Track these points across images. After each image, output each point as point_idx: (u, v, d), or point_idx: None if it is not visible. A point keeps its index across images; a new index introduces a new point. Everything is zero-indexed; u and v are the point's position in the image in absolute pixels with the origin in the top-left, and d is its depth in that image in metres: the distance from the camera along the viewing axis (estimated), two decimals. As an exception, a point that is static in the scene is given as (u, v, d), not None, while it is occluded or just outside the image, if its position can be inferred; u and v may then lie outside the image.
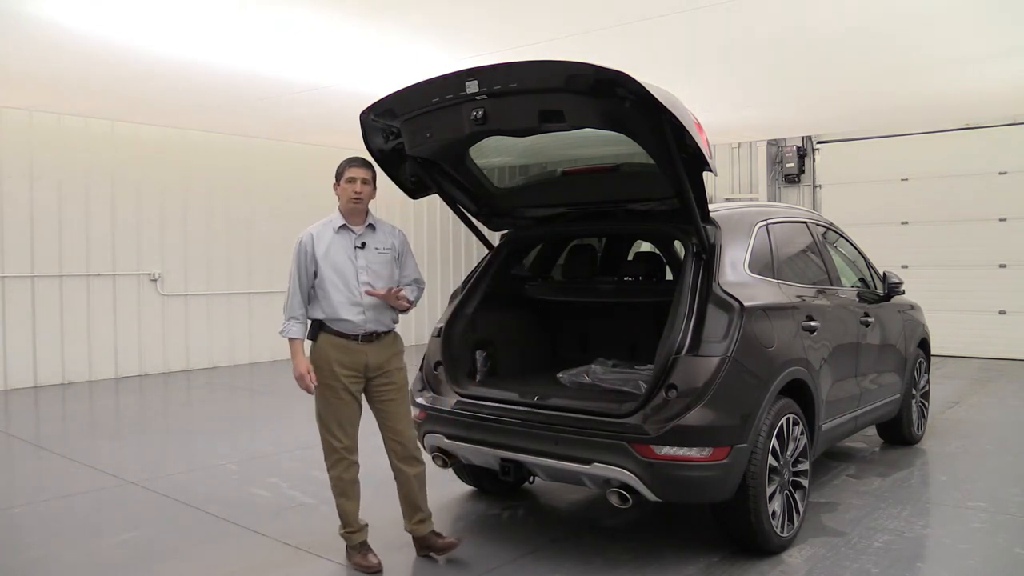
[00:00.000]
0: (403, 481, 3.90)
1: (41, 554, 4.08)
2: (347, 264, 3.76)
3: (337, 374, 3.73)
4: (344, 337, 3.75)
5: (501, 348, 4.77)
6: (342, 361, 3.74)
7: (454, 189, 4.59)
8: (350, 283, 3.76)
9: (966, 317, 10.90)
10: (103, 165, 9.73)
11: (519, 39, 6.31)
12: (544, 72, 3.56)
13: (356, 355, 3.76)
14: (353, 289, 3.76)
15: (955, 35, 6.58)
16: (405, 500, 3.92)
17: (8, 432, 6.98)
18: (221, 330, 10.91)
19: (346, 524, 3.84)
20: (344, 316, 3.74)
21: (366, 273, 3.79)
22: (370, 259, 3.81)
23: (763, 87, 8.66)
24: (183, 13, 5.72)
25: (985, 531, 4.28)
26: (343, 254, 3.77)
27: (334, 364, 3.73)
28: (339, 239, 3.78)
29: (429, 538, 3.93)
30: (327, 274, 3.73)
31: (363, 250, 3.80)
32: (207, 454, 6.11)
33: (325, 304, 3.74)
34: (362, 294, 3.76)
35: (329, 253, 3.75)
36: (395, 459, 3.89)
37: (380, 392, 3.85)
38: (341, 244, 3.77)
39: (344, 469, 3.80)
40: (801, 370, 4.12)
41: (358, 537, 3.84)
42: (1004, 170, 10.72)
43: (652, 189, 4.14)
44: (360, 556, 3.80)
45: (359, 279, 3.77)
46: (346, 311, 3.74)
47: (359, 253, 3.79)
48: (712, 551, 3.97)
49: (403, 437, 3.89)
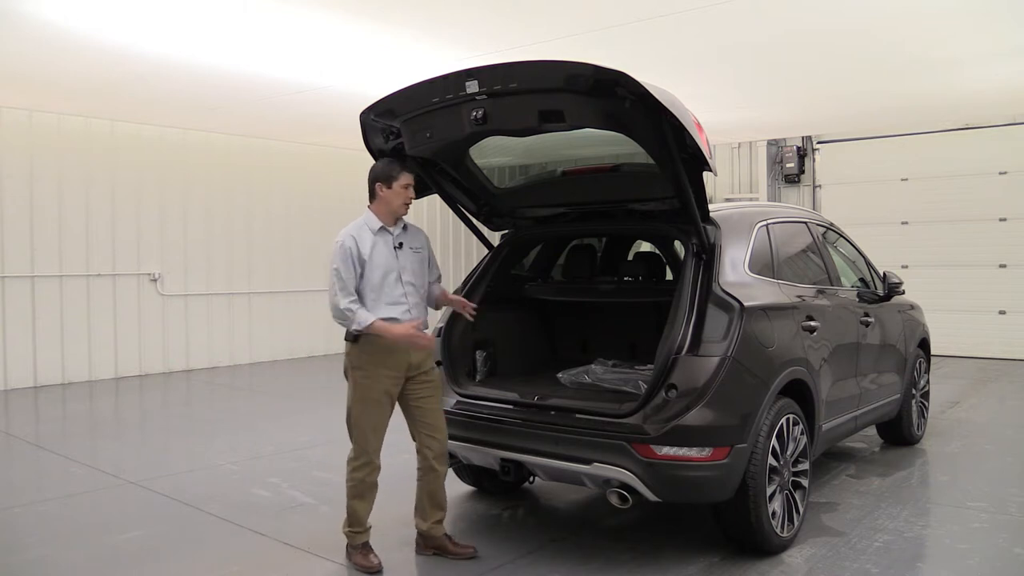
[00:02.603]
0: (432, 479, 3.90)
1: (41, 554, 4.08)
2: (391, 264, 3.79)
3: (380, 377, 3.74)
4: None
5: (501, 348, 4.77)
6: (386, 362, 3.75)
7: (454, 189, 4.59)
8: (395, 283, 3.78)
9: (966, 317, 10.90)
10: (103, 165, 9.73)
11: (519, 39, 6.32)
12: (544, 72, 3.56)
13: (400, 355, 3.77)
14: (398, 289, 3.78)
15: (955, 35, 6.58)
16: (430, 499, 3.92)
17: (8, 432, 6.98)
18: (221, 330, 10.90)
19: (353, 524, 3.83)
20: (389, 314, 3.74)
21: (407, 272, 3.83)
22: (408, 259, 3.87)
23: (763, 87, 8.66)
24: (183, 13, 5.71)
25: (985, 531, 4.28)
26: (385, 255, 3.79)
27: (379, 367, 3.74)
28: (380, 240, 3.80)
29: (443, 540, 3.94)
30: (373, 275, 3.74)
31: (401, 250, 3.85)
32: (207, 454, 6.11)
33: (371, 305, 3.73)
34: (406, 294, 3.80)
35: (373, 254, 3.75)
36: (429, 457, 3.89)
37: (418, 390, 3.86)
38: (382, 245, 3.80)
39: (368, 472, 3.79)
40: (801, 370, 4.12)
41: (362, 537, 3.84)
42: (1004, 170, 10.72)
43: (652, 189, 4.15)
44: (361, 556, 3.80)
45: (403, 279, 3.80)
46: (392, 311, 3.75)
47: (398, 253, 3.83)
48: (712, 551, 3.97)
49: (441, 435, 3.91)
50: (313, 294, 11.67)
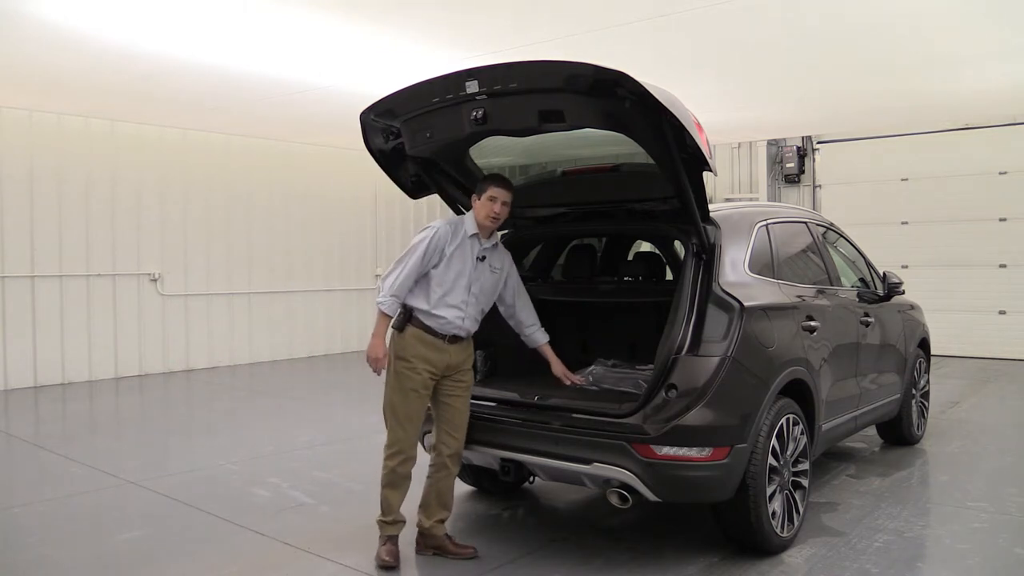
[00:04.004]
0: (443, 477, 3.93)
1: (41, 554, 4.07)
2: (467, 268, 3.84)
3: (420, 369, 3.77)
4: (433, 334, 3.79)
5: (501, 348, 4.77)
6: (429, 358, 3.78)
7: (454, 189, 4.59)
8: (463, 289, 3.83)
9: (966, 317, 10.90)
10: (103, 165, 9.74)
11: (519, 39, 6.31)
12: (544, 72, 3.56)
13: (442, 354, 3.82)
14: (463, 295, 3.83)
15: (955, 35, 6.58)
16: (437, 497, 3.94)
17: (8, 432, 6.98)
18: (221, 330, 10.90)
19: (386, 512, 3.84)
20: (443, 314, 3.79)
21: (477, 284, 3.87)
22: (484, 275, 3.92)
23: (763, 87, 8.66)
24: (184, 13, 5.72)
25: (985, 531, 4.28)
26: (465, 258, 3.84)
27: (421, 360, 3.77)
28: (467, 244, 3.85)
29: (444, 540, 3.95)
30: (446, 270, 3.79)
31: (482, 263, 3.90)
32: (207, 454, 6.11)
33: (433, 295, 3.78)
34: (467, 303, 3.84)
35: (456, 252, 3.81)
36: (445, 455, 3.91)
37: (451, 388, 3.89)
38: (467, 249, 3.84)
39: (401, 463, 3.81)
40: (801, 370, 4.12)
41: (389, 529, 3.84)
42: (1004, 170, 10.72)
43: (652, 189, 4.14)
44: (383, 549, 3.81)
45: (471, 289, 3.85)
46: (448, 310, 3.80)
47: (478, 265, 3.88)
48: (712, 551, 3.97)
49: (461, 435, 3.94)
50: (313, 294, 11.68)
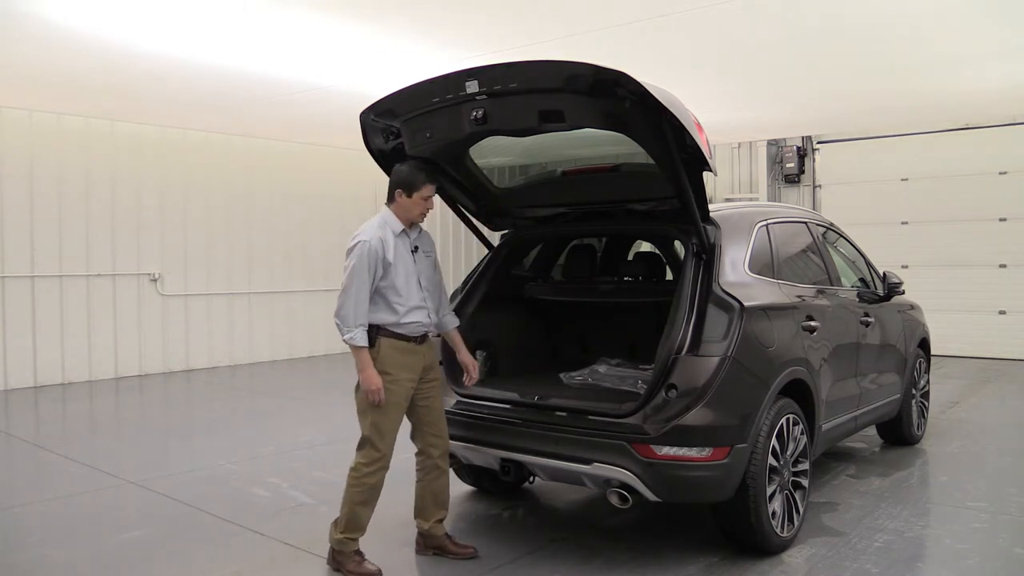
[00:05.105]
0: (436, 477, 3.91)
1: (41, 554, 4.07)
2: (411, 267, 3.80)
3: (403, 380, 3.73)
4: (406, 340, 3.75)
5: (501, 348, 4.77)
6: (407, 365, 3.75)
7: (454, 189, 4.59)
8: (415, 286, 3.79)
9: (966, 317, 10.90)
10: (103, 165, 9.73)
11: (519, 39, 6.31)
12: (544, 72, 3.56)
13: (417, 357, 3.79)
14: (419, 293, 3.80)
15: (955, 35, 6.58)
16: (433, 498, 3.91)
17: (8, 432, 6.98)
18: (221, 330, 10.90)
19: (353, 530, 3.73)
20: (413, 319, 3.76)
21: (423, 277, 3.85)
22: (423, 264, 3.88)
23: (763, 87, 8.65)
24: (184, 13, 5.71)
25: (985, 531, 4.28)
26: (406, 258, 3.79)
27: (401, 370, 3.72)
28: (400, 243, 3.78)
29: (444, 539, 3.93)
30: (397, 277, 3.72)
31: (417, 254, 3.86)
32: (207, 454, 6.11)
33: (398, 307, 3.72)
34: (425, 298, 3.81)
35: (396, 257, 3.74)
36: (435, 456, 3.90)
37: (426, 390, 3.87)
38: (402, 248, 3.79)
39: (380, 478, 3.75)
40: (801, 370, 4.12)
41: (355, 544, 3.76)
42: (1004, 170, 10.72)
43: (652, 189, 4.14)
44: (356, 564, 3.71)
45: (420, 284, 3.82)
46: (415, 313, 3.77)
47: (415, 257, 3.84)
48: (712, 551, 3.97)
49: (446, 434, 3.94)
50: (313, 294, 11.67)
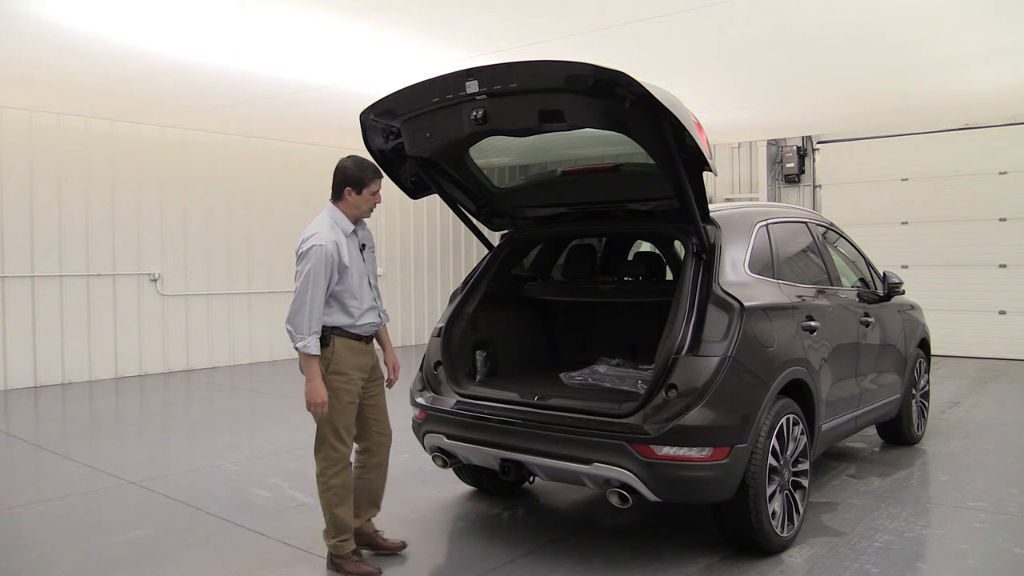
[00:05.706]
0: (377, 476, 3.91)
1: (41, 554, 4.07)
2: (363, 267, 3.78)
3: (356, 379, 3.73)
4: (359, 340, 3.75)
5: (501, 348, 4.77)
6: (359, 365, 3.75)
7: (454, 189, 4.59)
8: (367, 286, 3.78)
9: (966, 317, 10.90)
10: (103, 165, 9.73)
11: (519, 39, 6.32)
12: (544, 72, 3.57)
13: (367, 356, 3.80)
14: (371, 293, 3.79)
15: (955, 35, 6.58)
16: (369, 496, 3.90)
17: (8, 432, 6.98)
18: (221, 330, 10.90)
19: (341, 532, 3.72)
20: (368, 319, 3.76)
21: (371, 275, 3.84)
22: (369, 260, 3.86)
23: (763, 87, 8.66)
24: (183, 13, 5.72)
25: (985, 531, 4.28)
26: (358, 258, 3.77)
27: (354, 370, 3.72)
28: (351, 243, 3.75)
29: (374, 536, 3.94)
30: (352, 280, 3.69)
31: (365, 251, 3.84)
32: (207, 454, 6.11)
33: (352, 309, 3.70)
34: (376, 297, 3.81)
35: (350, 258, 3.71)
36: (382, 454, 3.90)
37: (372, 389, 3.86)
38: (353, 248, 3.76)
39: (347, 476, 3.75)
40: (801, 370, 4.12)
41: (350, 545, 3.74)
42: (1004, 170, 10.72)
43: (652, 189, 4.15)
44: (354, 565, 3.70)
45: (370, 282, 3.81)
46: (369, 314, 3.77)
47: (364, 255, 3.82)
48: (712, 551, 3.97)
49: (389, 431, 3.95)
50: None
